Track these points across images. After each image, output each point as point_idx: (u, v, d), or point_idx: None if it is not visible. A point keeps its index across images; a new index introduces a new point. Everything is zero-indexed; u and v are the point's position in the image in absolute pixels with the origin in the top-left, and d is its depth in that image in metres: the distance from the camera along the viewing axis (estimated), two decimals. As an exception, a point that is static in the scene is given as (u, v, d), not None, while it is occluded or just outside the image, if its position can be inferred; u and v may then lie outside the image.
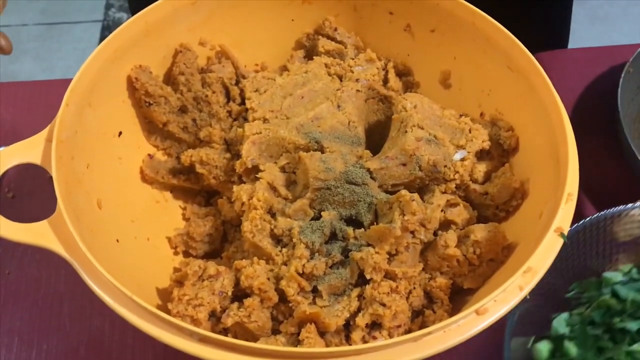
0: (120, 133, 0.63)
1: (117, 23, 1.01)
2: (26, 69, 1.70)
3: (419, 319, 0.55)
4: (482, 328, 0.44)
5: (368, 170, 0.60)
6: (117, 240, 0.57)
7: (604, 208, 0.59)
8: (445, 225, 0.58)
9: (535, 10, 0.85)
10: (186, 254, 0.64)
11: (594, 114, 0.57)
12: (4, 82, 0.79)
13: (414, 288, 0.55)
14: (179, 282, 0.55)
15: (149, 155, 0.66)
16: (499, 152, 0.62)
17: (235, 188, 0.61)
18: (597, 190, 0.49)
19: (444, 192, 0.60)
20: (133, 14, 0.97)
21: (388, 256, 0.54)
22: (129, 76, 0.62)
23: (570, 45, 0.84)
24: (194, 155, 0.64)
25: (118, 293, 0.46)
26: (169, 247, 0.64)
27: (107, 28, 1.75)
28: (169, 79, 0.67)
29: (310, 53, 0.71)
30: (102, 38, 1.75)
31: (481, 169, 0.61)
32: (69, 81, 0.55)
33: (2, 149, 0.53)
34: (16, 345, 0.61)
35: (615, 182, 0.65)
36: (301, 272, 0.54)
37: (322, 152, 0.61)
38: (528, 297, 0.46)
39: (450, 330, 0.43)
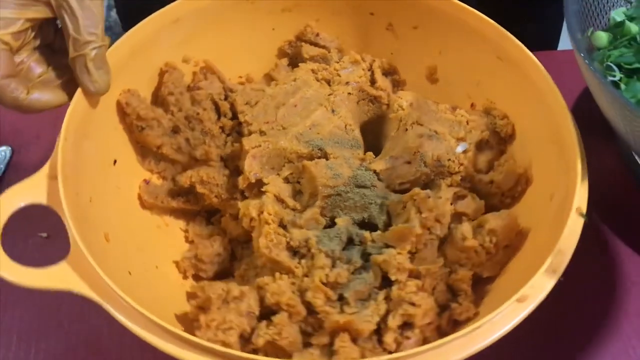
0: (115, 161, 0.61)
1: (118, 24, 1.00)
2: (28, 70, 1.65)
3: (445, 313, 0.55)
4: (525, 315, 0.44)
5: (374, 171, 0.60)
6: (130, 273, 0.55)
7: (603, 209, 0.60)
8: (457, 217, 0.59)
9: (529, 11, 0.87)
10: (196, 277, 0.62)
11: (592, 115, 0.59)
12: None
13: (437, 283, 0.55)
14: (202, 308, 0.54)
15: (145, 180, 0.64)
16: (497, 140, 0.63)
17: (240, 204, 0.60)
18: (596, 190, 0.51)
19: (450, 185, 0.61)
20: (122, 21, 0.95)
21: (409, 255, 0.55)
22: (119, 101, 0.60)
23: (569, 47, 0.86)
24: (194, 176, 0.63)
25: (155, 326, 0.45)
26: (177, 272, 0.62)
27: (109, 29, 1.71)
28: (157, 100, 0.65)
29: (294, 60, 0.71)
30: (103, 39, 1.73)
31: (483, 158, 0.62)
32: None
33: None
34: (15, 344, 0.60)
35: (614, 183, 0.68)
36: (325, 281, 0.54)
37: (326, 159, 0.60)
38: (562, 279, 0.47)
39: (495, 321, 0.44)
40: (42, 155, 0.70)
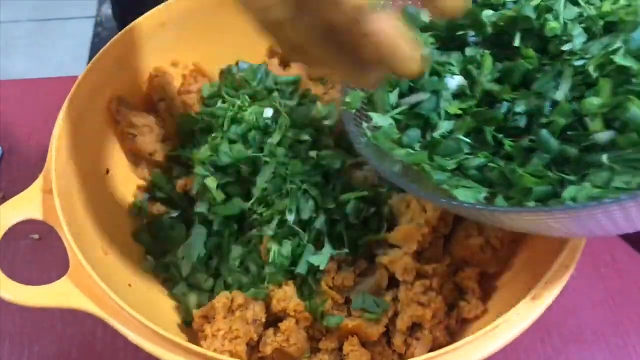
0: (107, 171, 0.59)
1: (110, 18, 0.99)
2: (19, 65, 1.66)
3: (454, 312, 0.54)
4: (541, 312, 0.44)
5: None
6: (129, 285, 0.54)
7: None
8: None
9: None
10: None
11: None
12: (-4, 80, 0.77)
13: (445, 282, 0.55)
14: (206, 317, 0.53)
15: (139, 188, 0.62)
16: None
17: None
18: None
19: (451, 182, 0.60)
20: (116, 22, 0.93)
21: (415, 255, 0.54)
22: (109, 109, 0.59)
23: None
24: (188, 183, 0.61)
25: (163, 340, 0.44)
26: (176, 281, 0.61)
27: (100, 24, 1.75)
28: (147, 106, 0.63)
29: (284, 59, 0.69)
30: (94, 34, 1.75)
31: (483, 153, 0.61)
32: (61, 79, 0.52)
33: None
34: (7, 348, 0.59)
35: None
36: (331, 285, 0.53)
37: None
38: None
39: (512, 320, 0.43)
40: (34, 155, 0.69)
